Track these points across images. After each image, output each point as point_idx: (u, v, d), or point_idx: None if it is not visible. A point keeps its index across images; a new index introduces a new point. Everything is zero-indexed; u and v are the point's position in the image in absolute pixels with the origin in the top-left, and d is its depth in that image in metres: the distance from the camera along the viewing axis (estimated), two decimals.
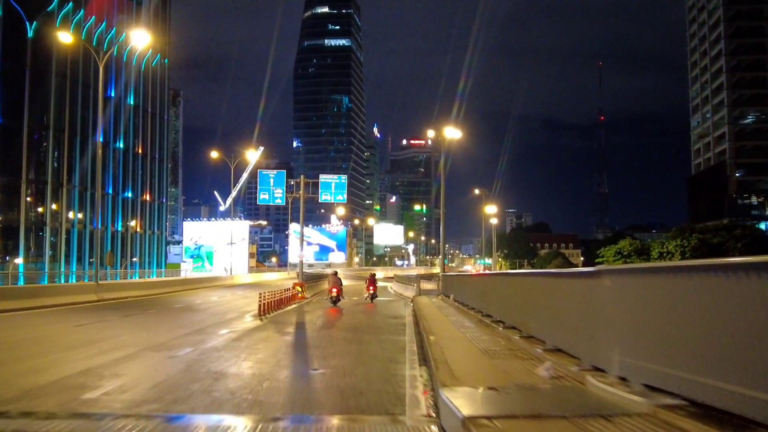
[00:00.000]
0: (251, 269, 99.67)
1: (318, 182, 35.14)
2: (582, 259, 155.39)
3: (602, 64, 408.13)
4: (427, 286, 37.96)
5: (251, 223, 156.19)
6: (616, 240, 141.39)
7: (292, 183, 35.40)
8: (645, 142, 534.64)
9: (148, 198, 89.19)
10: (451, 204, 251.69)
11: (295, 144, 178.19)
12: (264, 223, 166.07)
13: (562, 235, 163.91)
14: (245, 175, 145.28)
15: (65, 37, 48.63)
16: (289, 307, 26.76)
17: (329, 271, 37.59)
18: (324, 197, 34.93)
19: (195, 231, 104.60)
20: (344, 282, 33.01)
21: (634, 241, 70.79)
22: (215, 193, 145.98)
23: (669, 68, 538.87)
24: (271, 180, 34.64)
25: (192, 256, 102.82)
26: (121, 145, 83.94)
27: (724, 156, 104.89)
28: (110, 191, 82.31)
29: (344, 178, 35.55)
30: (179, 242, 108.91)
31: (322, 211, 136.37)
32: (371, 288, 33.05)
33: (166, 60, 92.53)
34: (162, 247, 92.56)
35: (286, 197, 35.46)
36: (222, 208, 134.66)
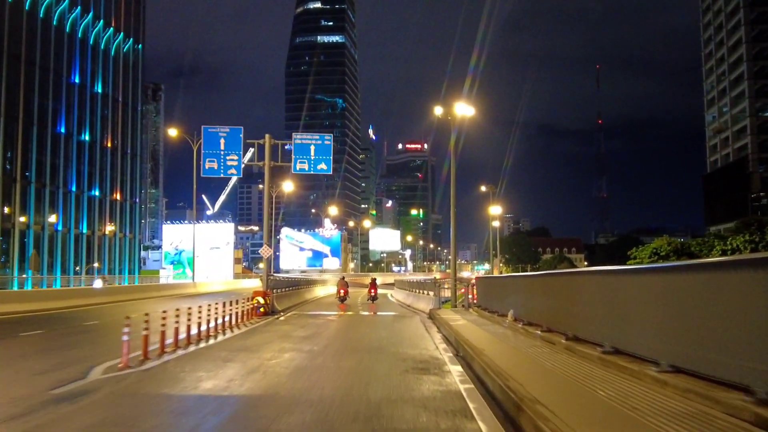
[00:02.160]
0: (237, 275, 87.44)
1: (291, 144, 22.96)
2: (586, 263, 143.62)
3: (600, 68, 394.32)
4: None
5: (242, 227, 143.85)
6: (624, 244, 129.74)
7: (254, 145, 23.10)
8: (643, 147, 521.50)
9: (118, 197, 76.82)
10: (446, 208, 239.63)
11: (287, 146, 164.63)
12: (255, 228, 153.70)
13: (565, 239, 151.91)
14: (234, 179, 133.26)
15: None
16: (227, 336, 14.57)
17: (315, 276, 34.06)
18: (299, 166, 22.78)
19: (175, 235, 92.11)
20: (336, 289, 34.74)
21: (673, 239, 58.87)
22: (203, 196, 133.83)
23: (667, 72, 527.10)
24: (222, 142, 22.52)
25: (172, 262, 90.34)
26: (87, 137, 71.68)
27: (745, 151, 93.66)
28: (74, 189, 69.96)
29: (329, 138, 23.32)
30: (159, 247, 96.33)
31: (313, 211, 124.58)
32: (372, 291, 32.53)
33: (140, 45, 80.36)
34: (135, 252, 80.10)
35: (244, 167, 23.09)
36: (209, 212, 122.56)
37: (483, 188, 71.20)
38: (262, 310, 21.32)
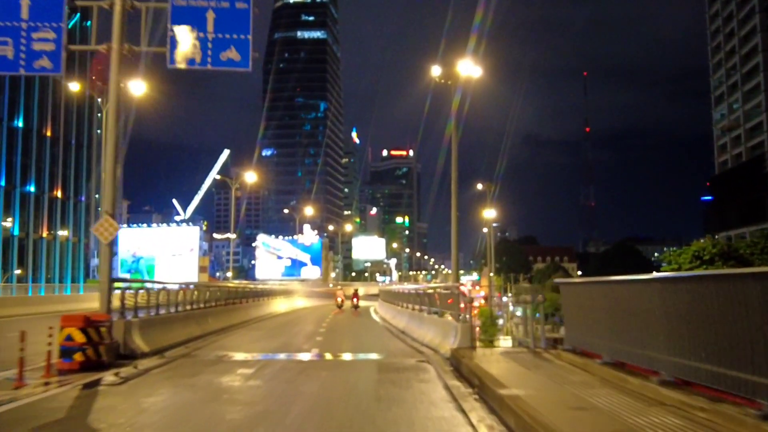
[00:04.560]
0: None
1: (167, 9, 10.84)
2: (579, 273, 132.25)
3: (587, 76, 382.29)
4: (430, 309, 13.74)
5: (218, 235, 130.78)
6: (619, 252, 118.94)
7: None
8: (628, 157, 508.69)
9: (60, 194, 63.90)
10: (432, 216, 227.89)
11: (264, 152, 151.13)
12: (233, 236, 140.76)
13: (556, 248, 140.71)
14: (209, 181, 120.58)
15: None
16: None
17: (276, 286, 40.51)
18: (183, 53, 10.82)
19: (133, 240, 79.19)
20: (313, 302, 43.19)
21: (717, 241, 47.63)
22: (174, 201, 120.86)
23: (652, 82, 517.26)
24: (24, 5, 10.51)
25: (129, 271, 77.29)
26: (21, 124, 58.91)
27: (760, 149, 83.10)
28: (2, 183, 57.09)
29: None
30: (114, 254, 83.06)
31: (285, 211, 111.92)
32: (354, 299, 35.24)
33: (89, 22, 67.62)
34: (80, 258, 67.09)
35: (68, 52, 10.81)
36: (178, 217, 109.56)
37: (480, 186, 59.32)
38: (77, 357, 8.98)
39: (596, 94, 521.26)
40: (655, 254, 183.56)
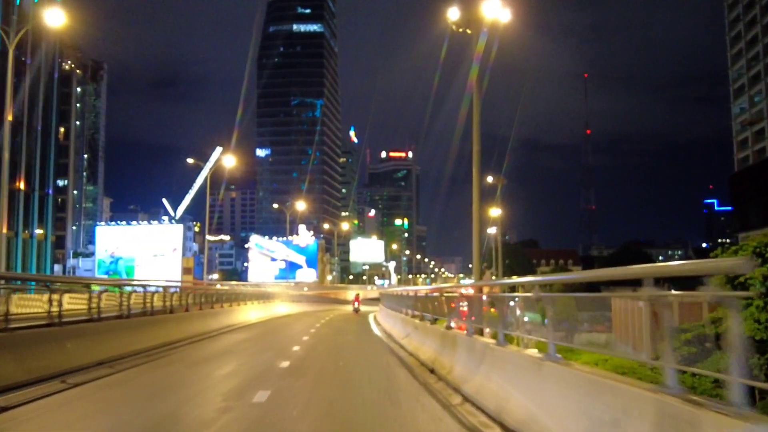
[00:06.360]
0: None
1: None
2: None
3: (588, 78, 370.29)
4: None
5: (211, 237, 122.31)
6: (625, 255, 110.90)
7: None
8: (626, 162, 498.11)
9: (22, 186, 55.58)
10: (430, 220, 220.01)
11: (258, 151, 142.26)
12: (227, 238, 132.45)
13: (560, 251, 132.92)
14: (200, 180, 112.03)
15: None
16: None
17: (250, 288, 34.14)
18: None
19: (111, 239, 70.94)
20: (301, 308, 38.82)
21: None
22: (164, 200, 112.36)
23: (653, 88, 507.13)
24: None
25: (107, 272, 68.98)
26: None
27: None
28: None
29: None
30: (91, 254, 74.73)
31: (275, 205, 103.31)
32: (356, 302, 38.00)
33: None
34: (46, 258, 58.65)
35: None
36: (165, 218, 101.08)
37: (490, 179, 51.13)
38: None
39: (596, 98, 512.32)
40: (660, 257, 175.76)
